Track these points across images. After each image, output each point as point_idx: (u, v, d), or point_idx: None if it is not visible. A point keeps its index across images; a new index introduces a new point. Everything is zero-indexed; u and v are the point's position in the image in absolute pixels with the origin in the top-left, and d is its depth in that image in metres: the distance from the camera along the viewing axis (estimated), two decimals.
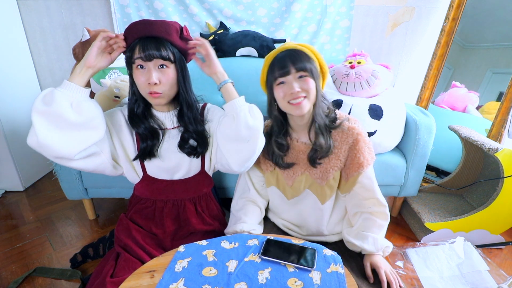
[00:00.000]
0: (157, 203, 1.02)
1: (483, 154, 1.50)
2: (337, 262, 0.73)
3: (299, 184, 0.92)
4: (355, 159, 0.86)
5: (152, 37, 0.83)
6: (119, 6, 1.81)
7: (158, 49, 0.82)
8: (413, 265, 1.25)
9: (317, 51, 0.87)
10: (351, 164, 0.86)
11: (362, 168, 0.85)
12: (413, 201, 1.54)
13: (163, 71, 0.84)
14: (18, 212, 1.65)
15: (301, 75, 0.81)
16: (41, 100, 0.75)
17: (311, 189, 0.92)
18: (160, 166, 0.96)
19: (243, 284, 0.66)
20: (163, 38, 0.83)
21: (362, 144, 0.86)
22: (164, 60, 0.83)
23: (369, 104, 1.31)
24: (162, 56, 0.82)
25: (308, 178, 0.91)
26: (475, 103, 1.74)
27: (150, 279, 0.70)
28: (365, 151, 0.86)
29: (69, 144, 0.76)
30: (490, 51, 1.74)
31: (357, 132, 0.86)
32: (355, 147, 0.86)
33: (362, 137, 0.86)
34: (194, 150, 0.95)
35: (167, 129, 0.96)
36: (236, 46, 1.78)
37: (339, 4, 1.85)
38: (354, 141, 0.86)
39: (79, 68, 0.80)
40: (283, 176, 0.93)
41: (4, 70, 1.71)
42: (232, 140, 0.86)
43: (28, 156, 1.86)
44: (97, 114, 0.80)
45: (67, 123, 0.75)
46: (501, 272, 1.22)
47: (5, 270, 1.24)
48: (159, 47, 0.82)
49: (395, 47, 2.00)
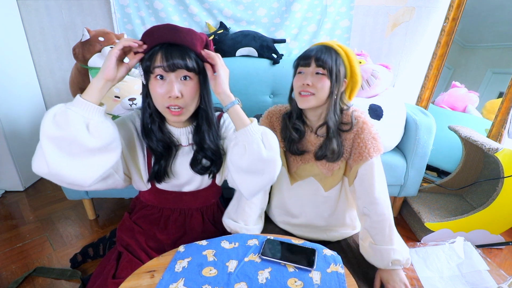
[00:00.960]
0: (164, 211, 0.98)
1: (483, 154, 1.50)
2: (337, 262, 0.73)
3: (304, 171, 0.92)
4: (357, 148, 0.84)
5: (176, 44, 0.74)
6: (119, 6, 1.81)
7: (184, 58, 0.73)
8: (413, 265, 1.25)
9: (354, 59, 0.84)
10: (354, 154, 0.85)
11: (362, 160, 0.83)
12: (413, 201, 1.54)
13: (185, 83, 0.75)
14: (18, 212, 1.65)
15: (319, 71, 0.81)
16: (52, 122, 0.62)
17: (316, 178, 0.92)
18: (171, 182, 0.90)
19: (243, 284, 0.66)
20: (188, 47, 0.75)
21: (366, 133, 0.84)
22: (189, 71, 0.75)
23: (369, 104, 1.31)
24: (187, 66, 0.73)
25: (313, 168, 0.91)
26: (475, 103, 1.74)
27: (150, 279, 0.70)
28: (368, 141, 0.83)
29: (85, 172, 0.67)
30: (490, 51, 1.74)
31: (362, 121, 0.84)
32: (359, 135, 0.84)
33: (368, 126, 0.84)
34: (207, 170, 0.88)
35: (181, 145, 0.88)
36: (236, 46, 1.78)
37: (339, 4, 1.85)
38: (359, 130, 0.84)
39: (97, 83, 0.69)
40: (289, 159, 0.94)
41: (4, 70, 1.71)
42: (245, 173, 0.75)
43: (28, 156, 1.84)
44: (115, 135, 0.70)
45: (83, 148, 0.64)
46: (501, 272, 1.22)
47: (5, 270, 1.24)
48: (184, 56, 0.73)
49: (395, 47, 1.99)
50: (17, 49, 1.84)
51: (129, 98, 1.20)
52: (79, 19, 1.88)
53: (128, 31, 1.87)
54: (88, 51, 1.43)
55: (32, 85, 1.96)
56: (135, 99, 1.22)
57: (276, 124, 0.95)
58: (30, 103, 1.92)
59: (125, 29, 1.87)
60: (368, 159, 0.83)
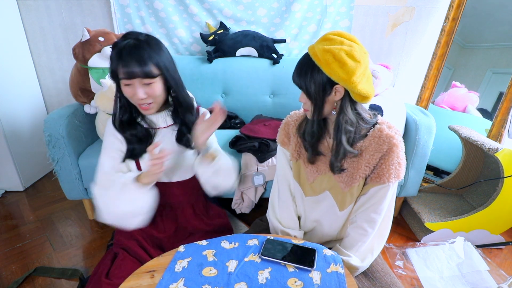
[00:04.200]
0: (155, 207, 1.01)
1: (483, 154, 1.50)
2: (337, 262, 0.73)
3: (320, 184, 0.87)
4: (379, 170, 0.78)
5: (134, 52, 0.79)
6: (119, 6, 1.81)
7: (141, 66, 0.78)
8: (413, 265, 1.25)
9: (330, 60, 0.70)
10: (374, 174, 0.79)
11: (378, 182, 0.78)
12: (413, 201, 1.54)
13: (149, 85, 0.82)
14: (18, 212, 1.65)
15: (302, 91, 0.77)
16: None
17: (331, 192, 0.86)
18: None
19: (243, 284, 0.66)
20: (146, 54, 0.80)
21: (394, 157, 0.76)
22: (148, 77, 0.80)
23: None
24: (145, 73, 0.79)
25: (330, 179, 0.85)
26: (475, 103, 1.74)
27: (150, 279, 0.70)
28: (392, 166, 0.76)
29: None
30: (490, 51, 1.74)
31: (394, 143, 0.76)
32: (385, 157, 0.77)
33: (398, 149, 0.76)
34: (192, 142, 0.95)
35: (160, 128, 0.96)
36: (236, 46, 1.78)
37: (339, 4, 1.85)
38: (387, 151, 0.76)
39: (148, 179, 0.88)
40: (305, 171, 0.88)
41: (4, 70, 1.71)
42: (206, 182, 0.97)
43: (28, 156, 1.86)
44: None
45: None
46: (501, 272, 1.22)
47: (5, 270, 1.24)
48: (141, 64, 0.78)
49: (395, 47, 1.99)
50: (17, 49, 1.84)
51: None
52: (79, 19, 1.88)
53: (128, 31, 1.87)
54: (88, 51, 1.43)
55: (32, 85, 1.96)
56: None
57: (292, 132, 0.91)
58: (30, 103, 1.92)
59: (125, 29, 1.87)
60: (386, 183, 0.78)
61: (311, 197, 0.90)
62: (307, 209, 0.93)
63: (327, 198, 0.87)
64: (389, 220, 0.86)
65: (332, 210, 0.88)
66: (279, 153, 0.96)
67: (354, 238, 0.84)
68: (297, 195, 0.94)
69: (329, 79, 0.71)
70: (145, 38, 0.83)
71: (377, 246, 0.86)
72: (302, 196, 0.92)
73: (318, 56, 0.71)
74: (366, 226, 0.82)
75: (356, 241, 0.84)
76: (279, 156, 0.96)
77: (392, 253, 1.32)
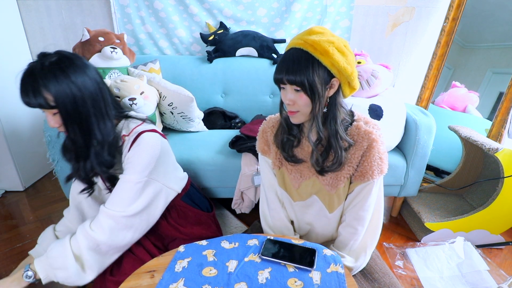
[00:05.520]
0: None
1: (483, 154, 1.50)
2: (337, 262, 0.73)
3: (306, 188, 0.85)
4: (362, 167, 0.77)
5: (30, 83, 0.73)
6: (119, 6, 1.81)
7: (33, 97, 0.73)
8: (413, 265, 1.25)
9: (333, 50, 0.67)
10: (357, 172, 0.78)
11: (362, 180, 0.78)
12: (413, 201, 1.54)
13: (54, 116, 0.78)
14: (18, 212, 1.65)
15: (296, 88, 0.70)
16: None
17: (318, 195, 0.85)
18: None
19: (243, 284, 0.66)
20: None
21: (374, 153, 0.75)
22: (41, 107, 0.75)
23: (369, 104, 1.31)
24: (39, 105, 0.74)
25: (316, 183, 0.83)
26: (475, 103, 1.74)
27: (150, 279, 0.70)
28: (374, 162, 0.76)
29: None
30: (490, 51, 1.74)
31: (373, 138, 0.75)
32: (366, 154, 0.76)
33: (378, 144, 0.75)
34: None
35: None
36: (236, 46, 1.78)
37: (339, 4, 1.85)
38: (368, 147, 0.76)
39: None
40: (289, 178, 0.87)
41: (4, 70, 1.71)
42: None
43: (28, 156, 1.86)
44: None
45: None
46: (501, 272, 1.22)
47: (5, 270, 1.24)
48: (29, 95, 0.74)
49: (395, 47, 1.99)
50: (17, 49, 1.84)
51: (129, 98, 1.20)
52: (79, 19, 1.88)
53: (128, 31, 1.87)
54: (88, 51, 1.43)
55: None
56: (135, 99, 1.21)
57: (270, 139, 0.88)
58: None
59: (125, 29, 1.87)
60: (370, 180, 0.77)
61: (300, 202, 0.89)
62: (298, 213, 0.93)
63: (315, 202, 0.87)
64: (379, 216, 0.85)
65: (322, 213, 0.88)
66: (261, 162, 0.94)
67: (345, 237, 0.84)
68: (286, 201, 0.93)
69: (328, 72, 0.69)
70: (49, 64, 0.74)
71: (370, 244, 0.85)
72: (291, 201, 0.91)
73: (315, 48, 0.67)
74: (355, 224, 0.82)
75: (347, 240, 0.84)
76: (261, 164, 0.94)
77: (392, 253, 1.32)
